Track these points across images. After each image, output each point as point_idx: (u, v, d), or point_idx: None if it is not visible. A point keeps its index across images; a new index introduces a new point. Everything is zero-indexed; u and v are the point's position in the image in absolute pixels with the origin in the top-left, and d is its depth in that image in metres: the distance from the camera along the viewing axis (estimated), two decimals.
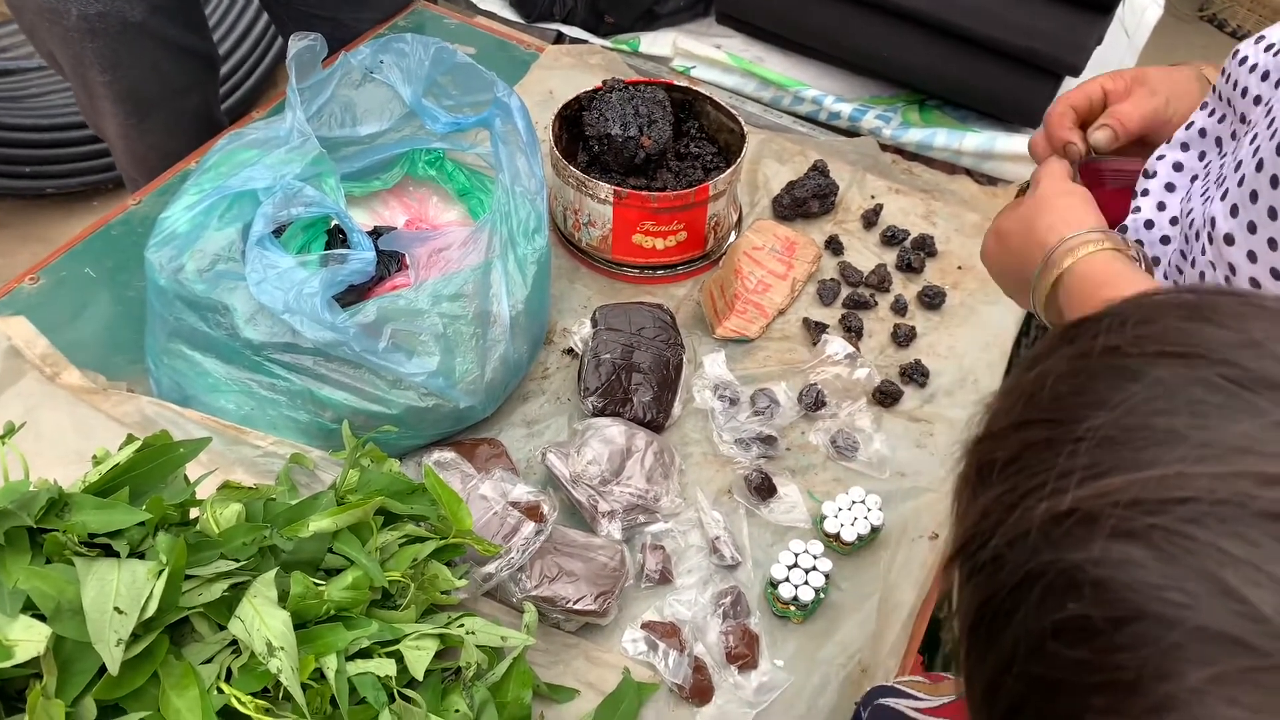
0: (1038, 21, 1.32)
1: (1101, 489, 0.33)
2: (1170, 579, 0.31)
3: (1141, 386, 0.35)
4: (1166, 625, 0.30)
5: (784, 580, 0.90)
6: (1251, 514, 0.31)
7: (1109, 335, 0.37)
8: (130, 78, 1.31)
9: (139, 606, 0.63)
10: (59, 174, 2.06)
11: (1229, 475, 0.31)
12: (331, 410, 0.92)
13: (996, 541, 0.36)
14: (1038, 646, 0.33)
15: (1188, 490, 0.31)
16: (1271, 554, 0.30)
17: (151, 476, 0.73)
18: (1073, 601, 0.32)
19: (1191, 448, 0.32)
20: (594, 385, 1.01)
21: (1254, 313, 0.36)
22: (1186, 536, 0.31)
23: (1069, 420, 0.35)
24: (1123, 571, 0.31)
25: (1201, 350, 0.35)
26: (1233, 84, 0.71)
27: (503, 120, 1.02)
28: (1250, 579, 0.30)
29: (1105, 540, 0.32)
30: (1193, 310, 0.37)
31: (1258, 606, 0.29)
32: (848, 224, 1.27)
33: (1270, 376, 0.33)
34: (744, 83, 1.49)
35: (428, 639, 0.73)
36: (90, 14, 1.22)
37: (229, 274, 0.91)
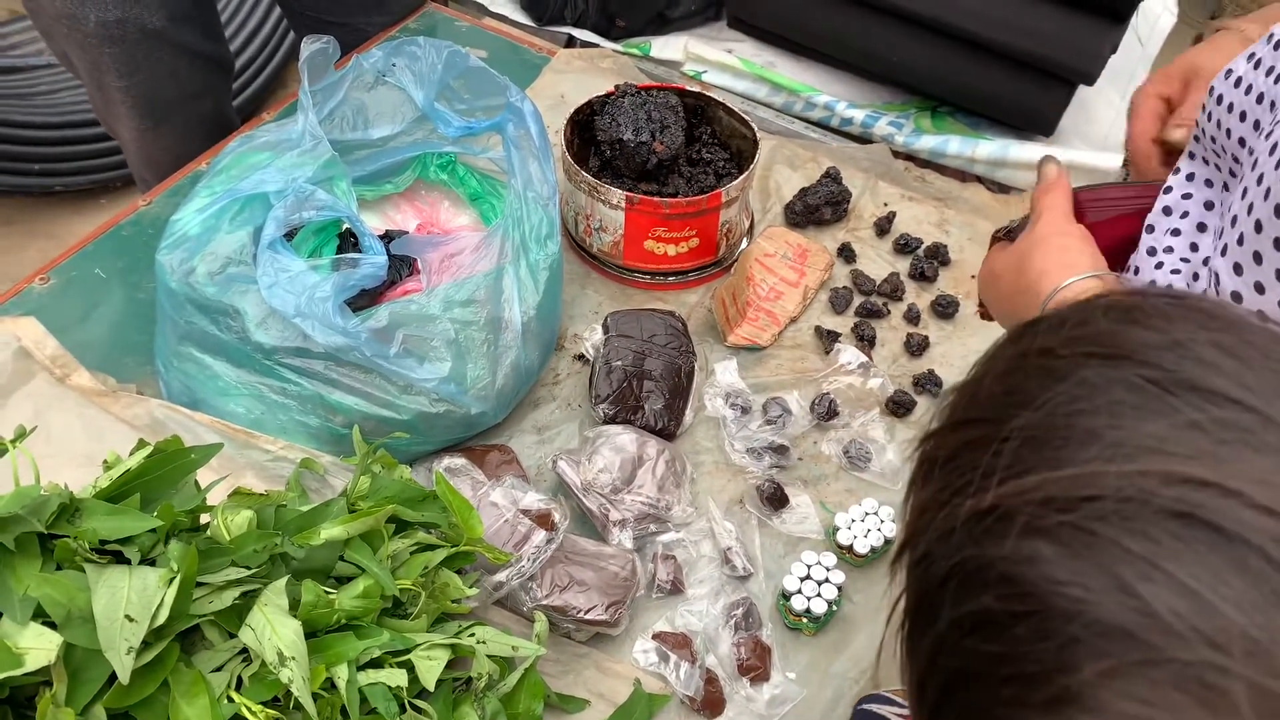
0: (1052, 29, 1.32)
1: (1020, 487, 0.34)
2: (1072, 574, 0.32)
3: (1067, 386, 0.35)
4: (1066, 619, 0.31)
5: (796, 592, 0.89)
6: (1153, 511, 0.31)
7: (1045, 336, 0.38)
8: (147, 84, 1.31)
9: (150, 614, 0.63)
10: (68, 171, 2.05)
11: (1135, 474, 0.32)
12: (342, 415, 0.92)
13: (928, 538, 0.37)
14: (955, 640, 0.35)
15: (1097, 488, 0.32)
16: (1169, 551, 0.31)
17: (162, 482, 0.72)
18: (985, 596, 0.33)
19: (1104, 447, 0.33)
20: (605, 392, 1.00)
21: (1183, 314, 0.36)
22: (1091, 533, 0.32)
23: (999, 419, 0.36)
24: (1030, 567, 0.32)
25: (1126, 351, 0.35)
26: (1216, 123, 0.69)
27: (515, 125, 1.01)
28: (1146, 575, 0.30)
29: (1017, 537, 0.33)
30: (1124, 312, 0.37)
31: (1150, 602, 0.30)
32: (860, 231, 1.27)
33: (1188, 378, 0.34)
34: (755, 88, 1.48)
35: (439, 649, 0.73)
36: (109, 20, 1.22)
37: (240, 277, 0.90)
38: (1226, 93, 0.68)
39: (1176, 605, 0.30)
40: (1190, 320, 0.36)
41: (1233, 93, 0.67)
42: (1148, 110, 0.81)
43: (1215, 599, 0.30)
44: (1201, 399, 0.33)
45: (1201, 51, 0.80)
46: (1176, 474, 0.32)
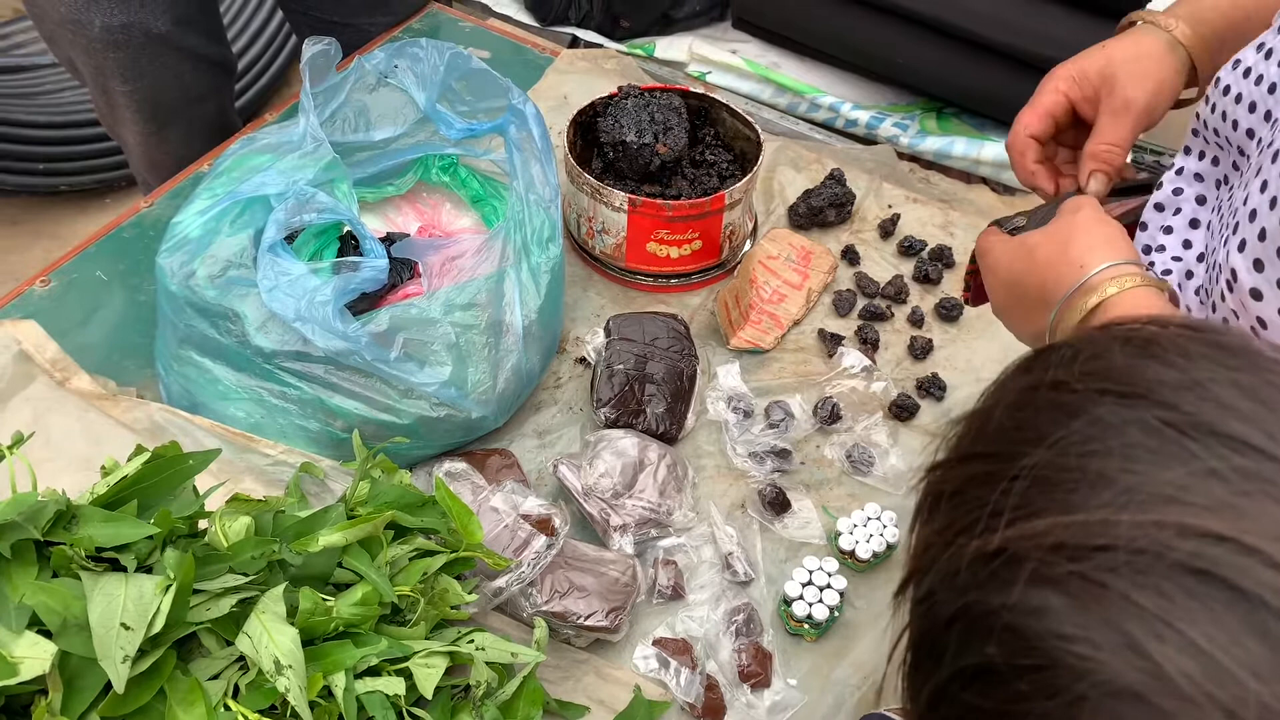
0: (1056, 29, 1.31)
1: (1028, 531, 0.33)
2: (1081, 630, 0.30)
3: (1080, 424, 0.34)
4: (1074, 676, 0.30)
5: (798, 598, 0.89)
6: (1168, 565, 0.30)
7: (1058, 369, 0.37)
8: (151, 88, 1.30)
9: (146, 622, 0.63)
10: (72, 171, 2.06)
11: (1150, 524, 0.31)
12: (342, 419, 0.92)
13: (932, 578, 0.36)
14: (956, 691, 0.33)
15: (1109, 538, 0.31)
16: (1183, 610, 0.29)
17: (160, 489, 0.72)
18: (988, 646, 0.32)
19: (1118, 493, 0.32)
20: (607, 396, 1.00)
21: (1204, 351, 0.35)
22: (1101, 585, 0.30)
23: (1008, 456, 0.35)
24: (1036, 620, 0.31)
25: (1142, 390, 0.34)
26: (1221, 115, 0.68)
27: (518, 127, 1.01)
28: (1157, 634, 0.29)
29: (1025, 585, 0.32)
30: (1141, 347, 0.36)
31: (1161, 665, 0.29)
32: (864, 233, 1.26)
33: (1208, 421, 0.32)
34: (760, 89, 1.48)
35: (437, 657, 0.72)
36: (114, 25, 1.22)
37: (240, 280, 0.90)
38: (1234, 83, 0.66)
39: (1189, 668, 0.29)
40: (1209, 358, 0.34)
41: (1241, 83, 0.66)
42: (1044, 106, 0.78)
43: (1230, 663, 0.28)
44: (1221, 445, 0.32)
45: (1119, 53, 0.76)
46: (1193, 527, 0.30)
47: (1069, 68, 0.79)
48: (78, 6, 1.20)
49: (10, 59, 2.17)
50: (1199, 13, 0.76)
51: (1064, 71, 0.79)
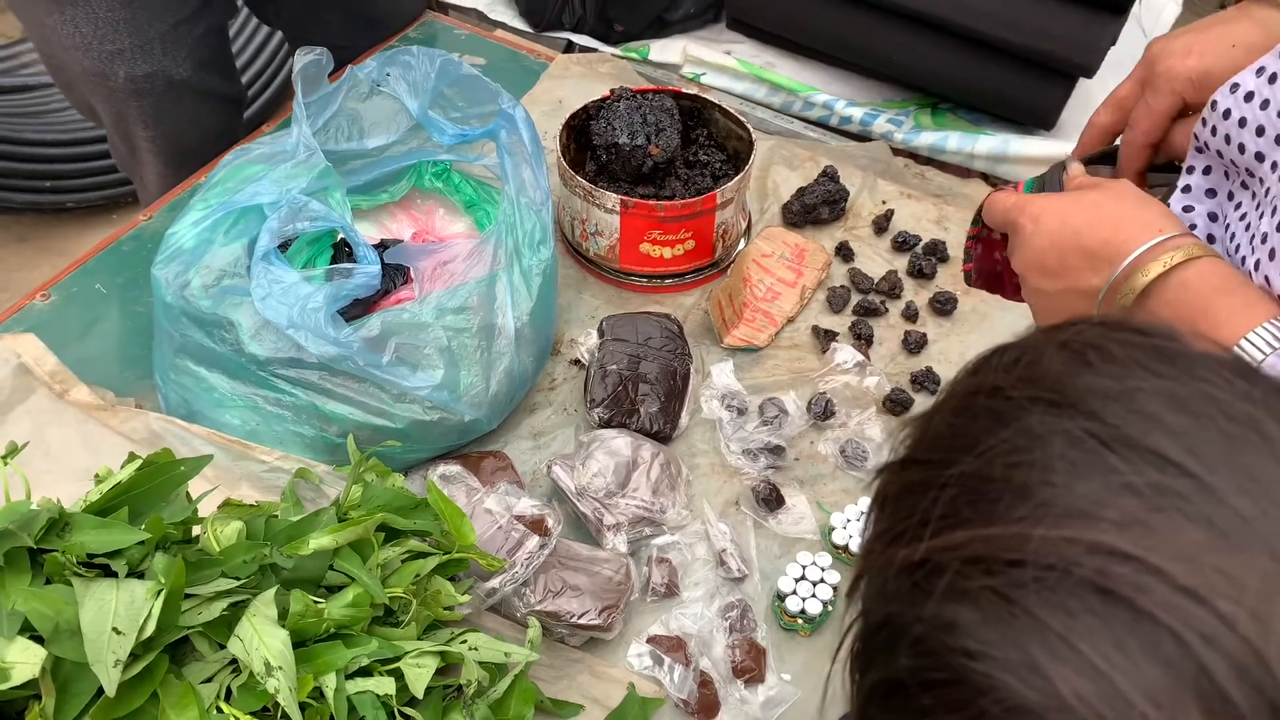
0: (1049, 23, 1.31)
1: (950, 542, 0.32)
2: (986, 646, 0.30)
3: (1010, 433, 0.34)
4: (977, 692, 0.30)
5: (791, 593, 0.89)
6: (1074, 582, 0.30)
7: (998, 373, 0.36)
8: (173, 132, 1.32)
9: (137, 627, 0.63)
10: (78, 188, 2.08)
11: (1060, 540, 0.30)
12: (337, 425, 0.92)
13: (866, 585, 0.36)
14: (876, 704, 0.34)
15: (1021, 552, 0.31)
16: (1083, 628, 0.29)
17: (152, 495, 0.73)
18: (901, 659, 0.32)
19: (1035, 506, 0.31)
20: (600, 396, 1.00)
21: (1140, 359, 0.34)
22: (1010, 601, 0.30)
23: (941, 463, 0.35)
24: (947, 634, 0.31)
25: (1072, 399, 0.34)
26: (1223, 138, 0.67)
27: (508, 131, 1.01)
28: (1057, 654, 0.29)
29: (939, 598, 0.32)
30: (1078, 353, 0.35)
31: (1057, 685, 0.29)
32: (858, 230, 1.26)
33: (1130, 434, 0.32)
34: (754, 89, 1.48)
35: (428, 656, 0.73)
36: (138, 75, 1.23)
37: (234, 289, 0.91)
38: (1234, 107, 0.65)
39: (1083, 689, 0.29)
40: (1145, 366, 0.34)
41: (1244, 107, 0.65)
42: (1164, 110, 0.74)
43: (1124, 685, 0.28)
44: (1141, 459, 0.31)
45: (1245, 50, 0.71)
46: (1101, 544, 0.30)
47: (1187, 67, 0.73)
48: (102, 59, 1.21)
49: (16, 79, 2.20)
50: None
51: (1183, 71, 0.74)
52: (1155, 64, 0.76)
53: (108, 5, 1.17)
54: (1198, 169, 0.72)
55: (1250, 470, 0.31)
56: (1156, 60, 0.76)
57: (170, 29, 1.22)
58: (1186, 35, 0.76)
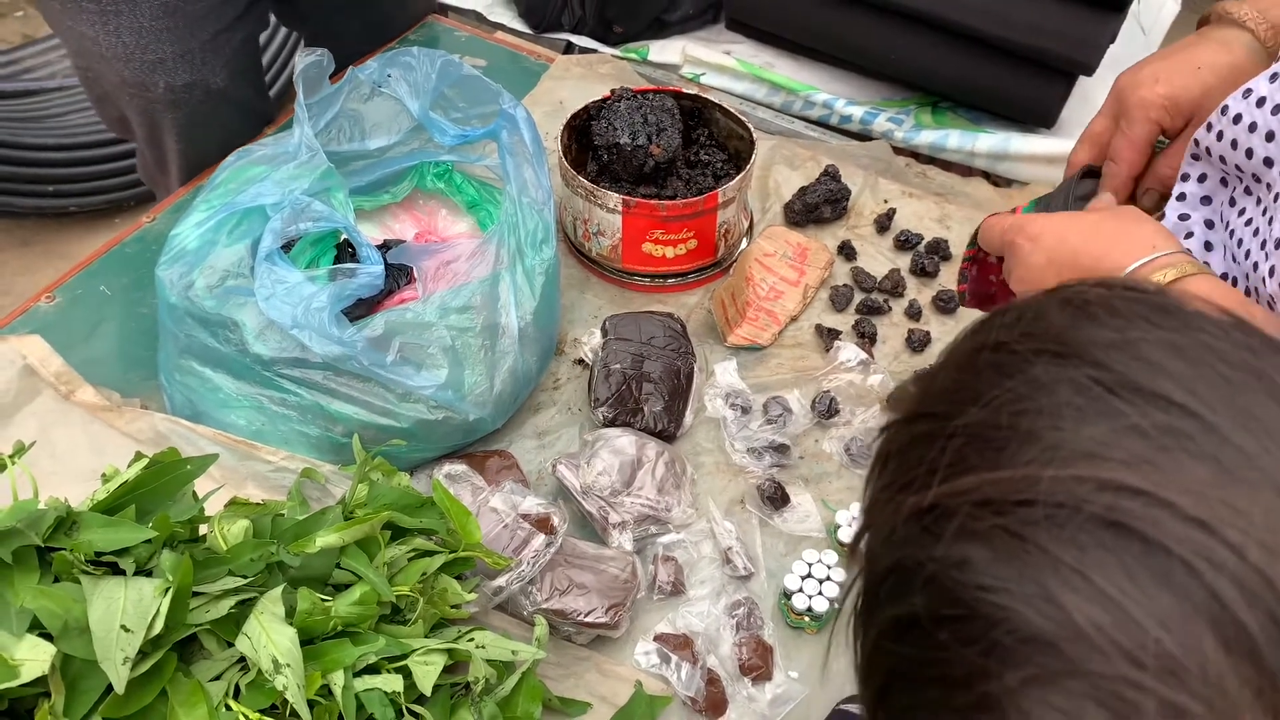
0: (1048, 21, 1.31)
1: (959, 487, 0.34)
2: (999, 580, 0.31)
3: (1015, 383, 0.35)
4: (990, 625, 0.31)
5: (798, 591, 0.89)
6: (1084, 518, 0.31)
7: (1001, 330, 0.37)
8: (204, 143, 1.31)
9: (145, 624, 0.63)
10: (82, 192, 2.09)
11: (1070, 479, 0.32)
12: (342, 424, 0.93)
13: (873, 534, 0.37)
14: (888, 642, 0.35)
15: (1031, 492, 0.32)
16: (1096, 561, 0.30)
17: (159, 494, 0.73)
18: (915, 598, 0.33)
19: (1043, 449, 0.33)
20: (604, 395, 1.01)
21: (1141, 312, 0.35)
22: (1021, 538, 0.31)
23: (947, 415, 0.36)
24: (959, 571, 0.32)
25: (1076, 349, 0.35)
26: (1230, 142, 0.67)
27: (509, 132, 1.02)
28: (1070, 585, 0.30)
29: (950, 539, 0.33)
30: (1080, 308, 0.36)
31: (1071, 613, 0.30)
32: (860, 229, 1.26)
33: (1135, 380, 0.33)
34: (754, 88, 1.48)
35: (435, 654, 0.73)
36: (178, 85, 1.22)
37: (238, 290, 0.91)
38: (1245, 111, 0.66)
39: (1098, 617, 0.30)
40: (1146, 318, 0.35)
41: (1255, 112, 0.65)
42: (1142, 138, 0.76)
43: (1136, 611, 0.29)
44: (1146, 402, 0.32)
45: (1212, 70, 0.73)
46: (1110, 481, 0.31)
47: (1158, 95, 0.75)
48: (143, 70, 1.20)
49: (18, 84, 2.20)
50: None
51: (1156, 100, 0.76)
52: (1126, 96, 0.78)
53: (151, 14, 1.16)
54: (1193, 177, 0.73)
55: (1251, 410, 0.32)
56: (1127, 92, 0.78)
57: (210, 38, 1.22)
58: (1152, 64, 0.78)
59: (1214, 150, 0.68)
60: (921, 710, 0.33)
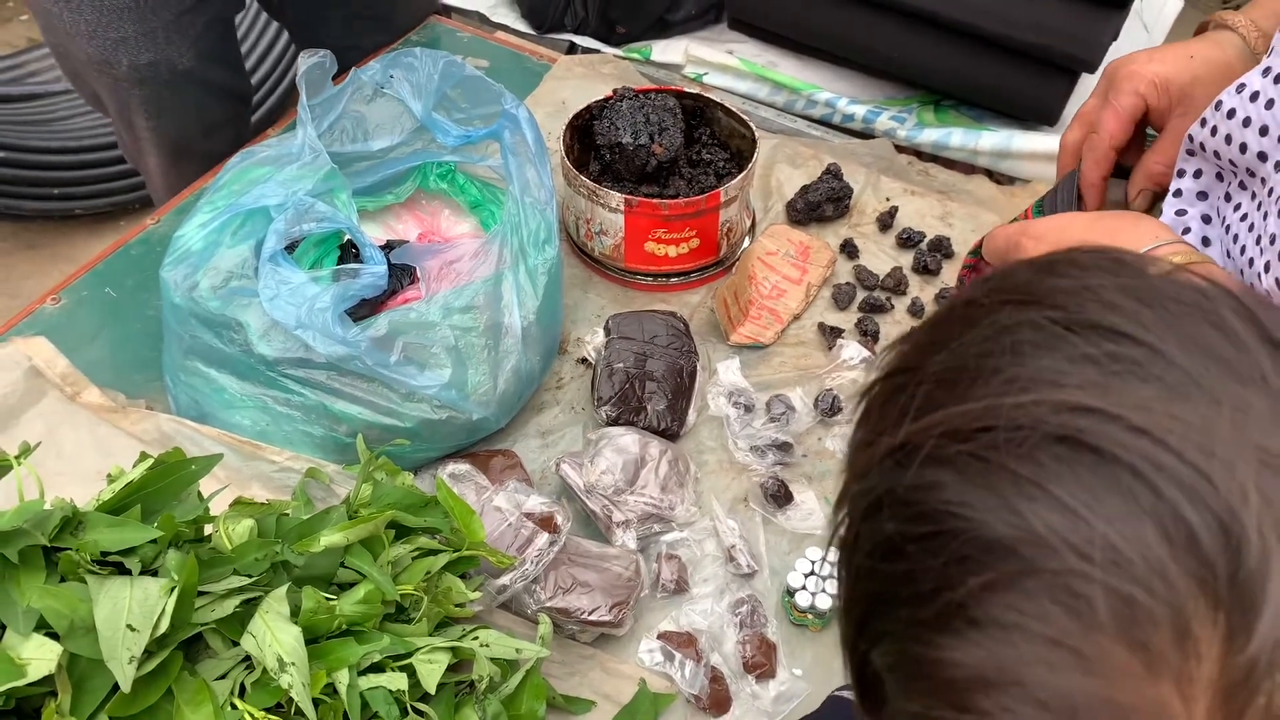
0: (1051, 18, 1.31)
1: (927, 423, 0.36)
2: (963, 495, 0.33)
3: (979, 329, 0.37)
4: (953, 537, 0.33)
5: (801, 588, 0.89)
6: (1041, 437, 0.33)
7: (973, 290, 0.40)
8: (175, 122, 1.32)
9: (151, 624, 0.64)
10: (86, 195, 2.10)
11: (1029, 404, 0.34)
12: (346, 424, 0.93)
13: (849, 480, 0.40)
14: (866, 569, 0.37)
15: (992, 419, 0.34)
16: (1052, 473, 0.32)
17: (164, 494, 0.73)
18: (887, 522, 0.36)
19: (1003, 382, 0.35)
20: (607, 394, 1.01)
21: (1101, 264, 0.38)
22: (983, 459, 0.34)
23: (918, 366, 0.38)
24: (927, 493, 0.34)
25: (1037, 296, 0.37)
26: (1224, 137, 0.68)
27: (511, 132, 1.02)
28: (1029, 495, 0.32)
29: (918, 467, 0.35)
30: (1044, 265, 0.39)
31: (1029, 519, 0.32)
32: (863, 227, 1.26)
33: (1090, 318, 0.35)
34: (757, 88, 1.48)
35: (440, 652, 0.73)
36: (141, 64, 1.23)
37: (242, 291, 0.92)
38: (1239, 106, 0.66)
39: (1053, 521, 0.32)
40: (1104, 269, 0.37)
41: (1248, 106, 0.65)
42: (1127, 109, 0.76)
43: (1088, 514, 0.31)
44: (1099, 336, 0.35)
45: (1205, 64, 0.75)
46: (1065, 402, 0.33)
47: (1149, 70, 0.76)
48: (106, 47, 1.22)
49: (24, 87, 2.21)
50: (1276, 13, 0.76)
51: (1146, 74, 0.76)
52: (1117, 70, 0.79)
53: None
54: (1188, 172, 0.73)
55: (1194, 336, 0.34)
56: (1117, 66, 0.79)
57: (174, 19, 1.22)
58: (1145, 50, 0.80)
59: (1209, 145, 0.68)
60: (896, 627, 0.35)
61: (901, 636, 0.35)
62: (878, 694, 0.37)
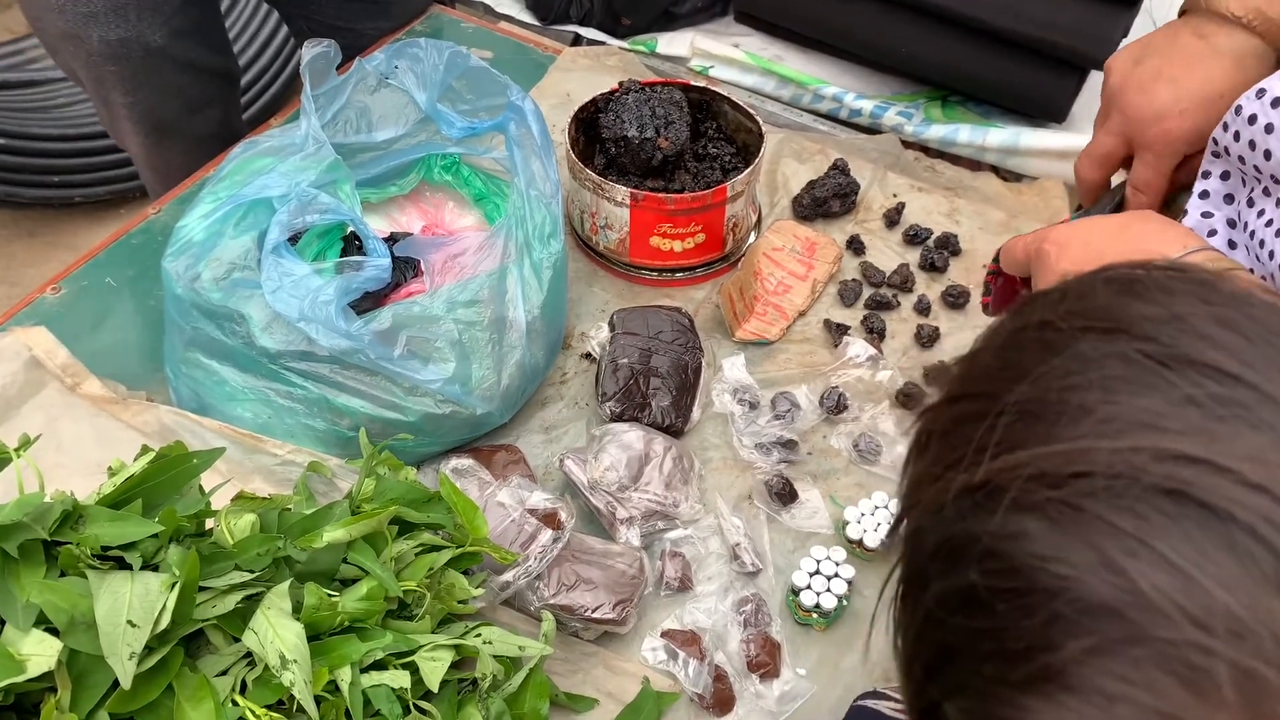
0: (1061, 14, 1.30)
1: (1011, 462, 0.33)
2: (1058, 550, 0.31)
3: (1062, 360, 0.35)
4: (1049, 595, 0.31)
5: (806, 587, 0.88)
6: (1143, 488, 0.31)
7: (1045, 309, 0.37)
8: (151, 100, 1.31)
9: (152, 619, 0.63)
10: (86, 183, 2.08)
11: (1128, 450, 0.31)
12: (348, 418, 0.92)
13: (918, 513, 0.37)
14: (940, 616, 0.34)
15: (1087, 464, 0.32)
16: (1157, 528, 0.30)
17: (165, 488, 0.72)
18: (970, 571, 0.33)
19: (1097, 422, 0.32)
20: (611, 390, 1.00)
21: (1185, 288, 0.35)
22: (1079, 509, 0.31)
23: (993, 394, 0.36)
24: (1015, 543, 0.32)
25: (1124, 325, 0.35)
26: (1247, 143, 0.67)
27: (517, 124, 1.01)
28: (1132, 552, 0.30)
29: (1005, 512, 0.32)
30: (1125, 285, 0.36)
31: (1135, 580, 0.29)
32: (869, 223, 1.25)
33: (1186, 353, 0.33)
34: (763, 81, 1.47)
35: (443, 650, 0.73)
36: (111, 40, 1.22)
37: (245, 282, 0.91)
38: (1261, 113, 0.65)
39: (1162, 583, 0.29)
40: (1191, 294, 0.35)
41: (1271, 113, 0.64)
42: (1166, 168, 0.76)
43: (1201, 577, 0.29)
44: (1198, 374, 0.32)
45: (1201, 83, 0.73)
46: (1168, 450, 0.31)
47: (1185, 127, 0.74)
48: (76, 21, 1.21)
49: (24, 74, 2.19)
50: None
51: (1181, 133, 0.75)
52: (1146, 128, 0.76)
53: None
54: (1214, 174, 0.72)
55: None
56: (1144, 123, 0.76)
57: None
58: (1163, 86, 0.75)
59: (1232, 150, 0.68)
60: (977, 684, 0.33)
61: (984, 695, 0.32)
62: None
